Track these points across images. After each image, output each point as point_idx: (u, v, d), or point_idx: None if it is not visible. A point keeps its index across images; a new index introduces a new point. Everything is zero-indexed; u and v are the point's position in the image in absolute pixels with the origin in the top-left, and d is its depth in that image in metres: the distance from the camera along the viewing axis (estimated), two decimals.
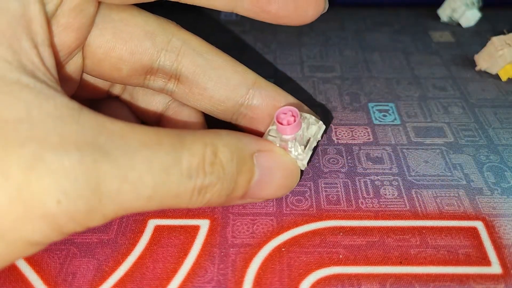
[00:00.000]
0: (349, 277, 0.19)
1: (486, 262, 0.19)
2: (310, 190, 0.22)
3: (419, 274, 0.19)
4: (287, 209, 0.21)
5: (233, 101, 0.21)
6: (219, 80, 0.21)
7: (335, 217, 0.21)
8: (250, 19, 0.36)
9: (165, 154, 0.15)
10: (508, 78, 0.30)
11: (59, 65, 0.18)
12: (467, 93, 0.29)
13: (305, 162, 0.20)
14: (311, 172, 0.23)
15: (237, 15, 0.38)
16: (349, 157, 0.24)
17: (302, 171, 0.23)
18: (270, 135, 0.20)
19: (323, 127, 0.21)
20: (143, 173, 0.15)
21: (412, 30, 0.37)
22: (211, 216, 0.21)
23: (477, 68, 0.31)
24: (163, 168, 0.15)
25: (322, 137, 0.22)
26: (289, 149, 0.20)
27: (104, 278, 0.19)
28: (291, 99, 0.22)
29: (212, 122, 0.23)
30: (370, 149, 0.25)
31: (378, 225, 0.21)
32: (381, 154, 0.25)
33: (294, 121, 0.19)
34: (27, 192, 0.13)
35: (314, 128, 0.20)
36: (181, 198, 0.16)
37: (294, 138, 0.20)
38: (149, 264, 0.19)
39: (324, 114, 0.28)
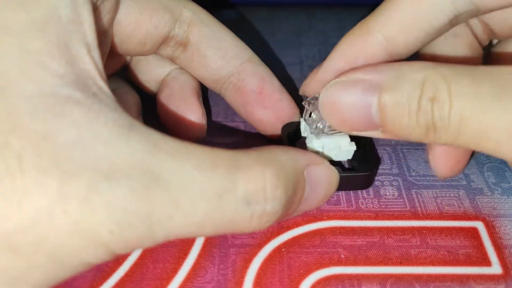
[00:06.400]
0: (350, 277, 0.19)
1: (486, 262, 0.19)
2: None
3: (419, 274, 0.19)
4: None
5: (226, 70, 0.23)
6: (219, 50, 0.23)
7: (335, 217, 0.21)
8: (249, 20, 0.37)
9: (220, 178, 0.14)
10: None
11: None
12: None
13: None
14: None
15: (236, 14, 0.38)
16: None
17: None
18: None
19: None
20: (195, 199, 0.14)
21: None
22: None
23: None
24: (217, 193, 0.14)
25: None
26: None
27: (104, 278, 0.18)
28: (277, 83, 0.24)
29: None
30: None
31: (378, 225, 0.21)
32: (381, 154, 0.25)
33: None
34: (85, 224, 0.13)
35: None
36: (237, 225, 0.15)
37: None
38: (149, 264, 0.19)
39: None
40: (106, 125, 0.14)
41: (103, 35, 0.19)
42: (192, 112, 0.23)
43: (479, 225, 0.21)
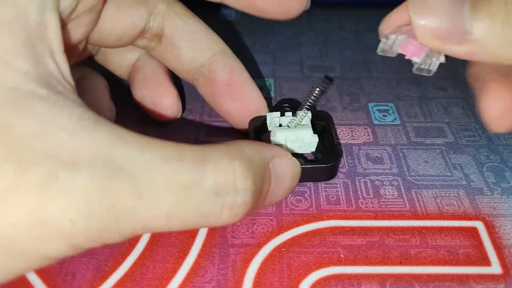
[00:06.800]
0: (349, 277, 0.19)
1: (486, 262, 0.19)
2: (310, 190, 0.22)
3: (419, 274, 0.19)
4: (287, 209, 0.21)
5: (198, 62, 0.23)
6: (191, 42, 0.23)
7: (335, 217, 0.21)
8: (249, 20, 0.37)
9: (187, 170, 0.14)
10: None
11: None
12: (467, 93, 0.29)
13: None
14: None
15: (236, 14, 0.38)
16: (349, 157, 0.24)
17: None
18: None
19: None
20: (160, 190, 0.14)
21: None
22: None
23: None
24: (184, 185, 0.14)
25: None
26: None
27: (104, 278, 0.18)
28: (246, 76, 0.24)
29: None
30: (370, 149, 0.25)
31: (378, 225, 0.21)
32: (381, 154, 0.25)
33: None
34: (43, 212, 0.13)
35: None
36: (208, 218, 0.15)
37: None
38: (149, 264, 0.19)
39: None
40: (70, 118, 0.14)
41: (77, 44, 0.20)
42: (167, 95, 0.24)
43: (479, 225, 0.21)
